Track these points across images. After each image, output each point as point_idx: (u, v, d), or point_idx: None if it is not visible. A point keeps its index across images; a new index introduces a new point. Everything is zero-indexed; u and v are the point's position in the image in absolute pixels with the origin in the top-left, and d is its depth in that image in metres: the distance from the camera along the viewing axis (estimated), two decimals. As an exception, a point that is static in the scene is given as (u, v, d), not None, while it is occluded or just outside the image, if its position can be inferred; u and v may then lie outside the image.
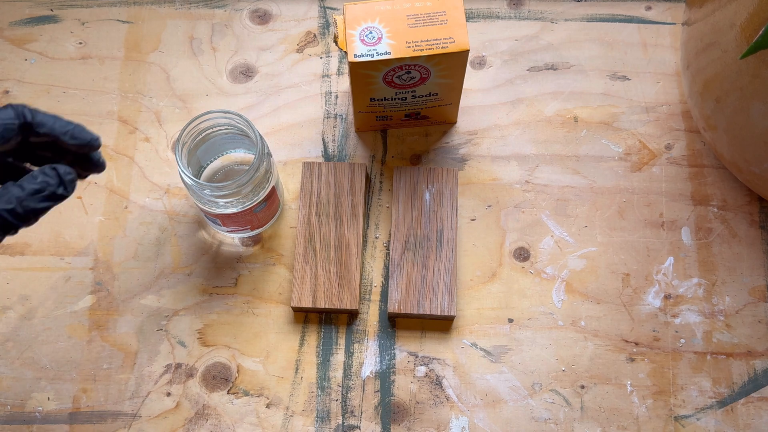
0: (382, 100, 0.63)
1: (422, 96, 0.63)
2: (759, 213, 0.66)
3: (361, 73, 0.59)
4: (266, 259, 0.66)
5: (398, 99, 0.63)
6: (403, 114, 0.65)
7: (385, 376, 0.62)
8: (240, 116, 0.58)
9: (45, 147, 0.48)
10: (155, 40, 0.73)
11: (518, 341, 0.63)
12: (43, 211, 0.44)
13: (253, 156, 0.59)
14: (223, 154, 0.64)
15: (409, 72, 0.59)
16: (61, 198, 0.45)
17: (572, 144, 0.69)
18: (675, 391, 0.62)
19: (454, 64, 0.59)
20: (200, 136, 0.60)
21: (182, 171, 0.57)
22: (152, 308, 0.64)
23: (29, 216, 0.44)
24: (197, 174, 0.63)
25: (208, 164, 0.64)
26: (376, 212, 0.67)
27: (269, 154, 0.60)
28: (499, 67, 0.71)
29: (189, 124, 0.58)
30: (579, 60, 0.71)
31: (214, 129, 0.61)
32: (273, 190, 0.62)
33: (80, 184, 0.68)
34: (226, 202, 0.59)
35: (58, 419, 0.61)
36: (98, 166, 0.50)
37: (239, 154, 0.64)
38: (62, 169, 0.45)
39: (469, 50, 0.57)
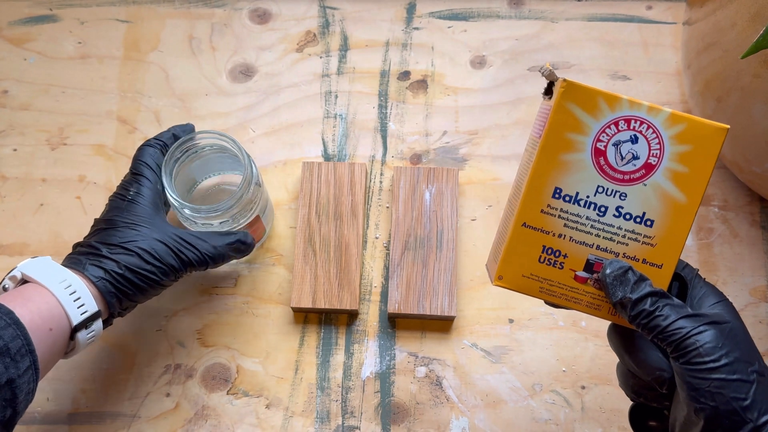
0: (572, 199, 0.42)
1: (629, 217, 0.43)
2: (760, 213, 0.66)
3: (566, 114, 0.42)
4: (266, 259, 0.66)
5: (595, 208, 0.43)
6: (585, 258, 0.43)
7: (385, 377, 0.62)
8: (233, 141, 0.57)
9: None
10: (154, 40, 0.73)
11: (519, 342, 0.63)
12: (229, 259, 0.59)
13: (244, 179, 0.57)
14: (219, 173, 0.64)
15: (635, 140, 0.42)
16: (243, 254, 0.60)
17: (573, 144, 0.69)
18: (676, 391, 0.62)
19: (701, 150, 0.42)
20: (191, 155, 0.59)
21: (166, 188, 0.56)
22: (151, 308, 0.64)
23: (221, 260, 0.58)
24: (190, 189, 0.62)
25: (204, 179, 0.63)
26: (376, 212, 0.67)
27: (259, 185, 0.59)
28: (499, 66, 0.71)
29: (180, 145, 0.57)
30: (580, 59, 0.71)
31: (206, 149, 0.60)
32: (257, 220, 0.61)
33: (79, 184, 0.68)
34: (203, 224, 0.58)
35: (58, 420, 0.61)
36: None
37: (237, 176, 0.63)
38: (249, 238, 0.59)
39: (727, 129, 0.42)
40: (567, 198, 0.43)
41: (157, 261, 0.53)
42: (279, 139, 0.69)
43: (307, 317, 0.64)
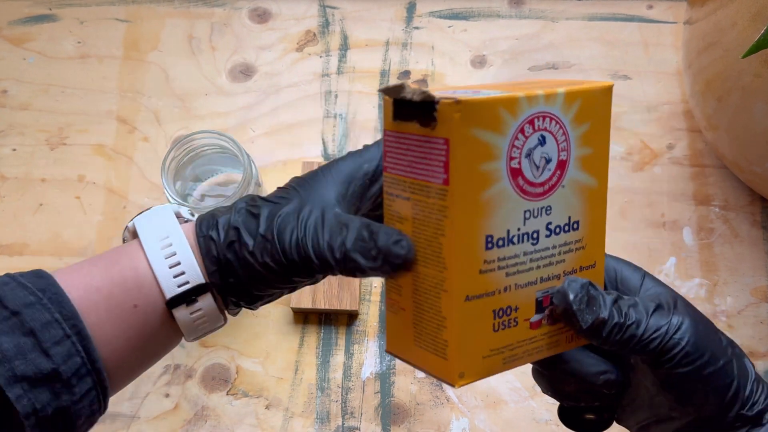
0: (505, 241, 0.35)
1: (558, 231, 0.36)
2: (761, 213, 0.66)
3: (471, 143, 0.32)
4: (266, 259, 0.65)
5: (528, 239, 0.35)
6: (534, 299, 0.36)
7: (385, 377, 0.62)
8: (232, 140, 0.57)
9: None
10: (154, 39, 0.73)
11: (519, 342, 0.63)
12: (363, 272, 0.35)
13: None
14: (219, 173, 0.64)
15: (543, 141, 0.35)
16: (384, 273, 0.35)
17: (573, 144, 0.69)
18: (676, 392, 0.62)
19: (597, 123, 0.36)
20: (191, 155, 0.60)
21: (165, 188, 0.56)
22: (151, 309, 0.64)
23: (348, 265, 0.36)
24: (190, 189, 0.63)
25: (203, 179, 0.63)
26: (376, 212, 0.67)
27: (259, 184, 0.59)
28: (499, 66, 0.71)
29: (179, 145, 0.57)
30: (580, 59, 0.71)
31: (206, 148, 0.60)
32: None
33: (79, 184, 0.68)
34: None
35: (57, 420, 0.61)
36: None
37: (237, 176, 0.63)
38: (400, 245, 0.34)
39: (612, 86, 0.37)
40: (500, 243, 0.34)
41: (278, 246, 0.38)
42: (279, 139, 0.69)
43: (306, 317, 0.64)
